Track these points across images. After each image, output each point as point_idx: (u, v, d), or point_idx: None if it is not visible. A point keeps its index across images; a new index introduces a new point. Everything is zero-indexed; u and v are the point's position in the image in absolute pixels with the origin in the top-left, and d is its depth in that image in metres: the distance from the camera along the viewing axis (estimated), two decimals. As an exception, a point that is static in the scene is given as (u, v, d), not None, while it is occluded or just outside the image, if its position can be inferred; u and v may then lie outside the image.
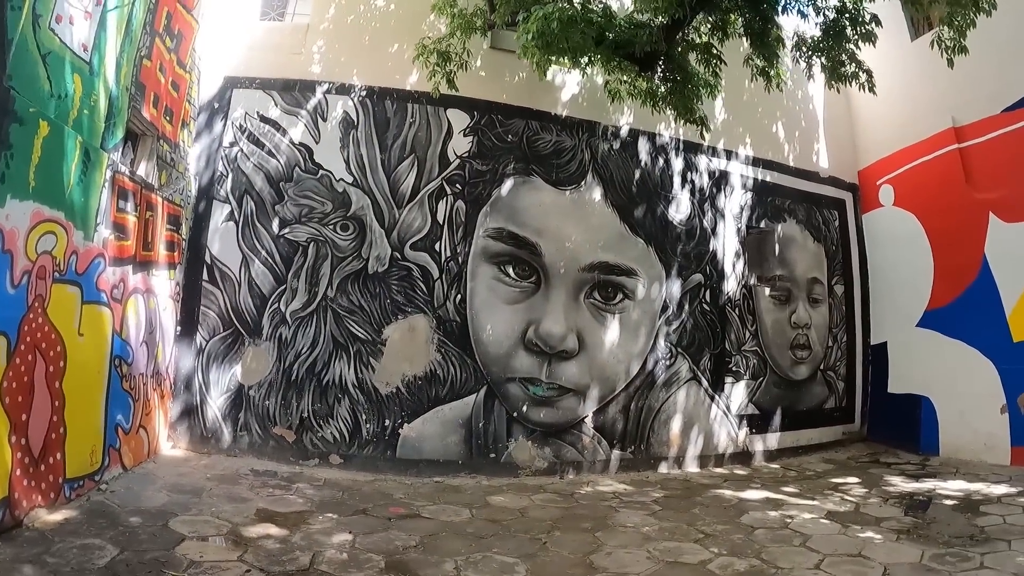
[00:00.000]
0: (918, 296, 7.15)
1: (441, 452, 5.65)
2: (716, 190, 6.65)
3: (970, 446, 6.69)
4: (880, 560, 3.86)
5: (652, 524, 4.62)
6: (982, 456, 6.62)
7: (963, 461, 6.77)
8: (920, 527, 4.49)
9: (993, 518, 4.64)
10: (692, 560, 3.89)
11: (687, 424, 6.24)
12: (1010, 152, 6.70)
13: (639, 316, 6.12)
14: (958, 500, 5.24)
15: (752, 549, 4.09)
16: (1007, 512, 4.74)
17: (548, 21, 4.27)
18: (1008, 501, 5.08)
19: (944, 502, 5.24)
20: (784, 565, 3.81)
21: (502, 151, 6.02)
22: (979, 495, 5.36)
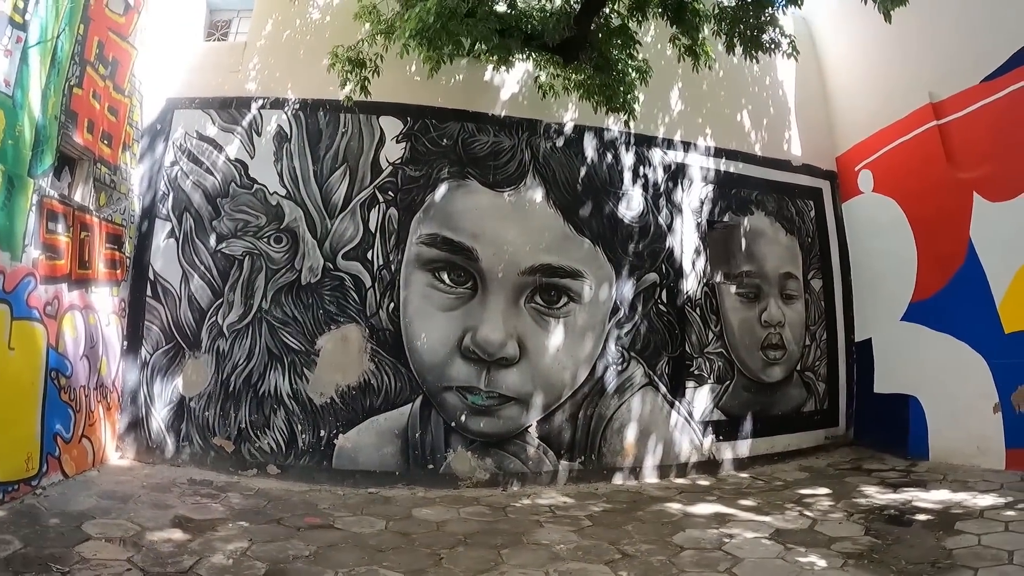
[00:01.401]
0: (902, 288, 6.58)
1: (377, 463, 5.53)
2: (672, 184, 6.29)
3: (962, 449, 6.10)
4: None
5: (570, 542, 4.37)
6: (975, 460, 6.03)
7: (954, 466, 6.18)
8: (878, 549, 4.07)
9: (967, 538, 4.18)
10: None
11: (643, 432, 5.88)
12: (992, 125, 6.14)
13: (586, 320, 5.81)
14: (934, 515, 4.78)
15: (666, 574, 3.80)
16: (986, 530, 4.28)
17: (426, 15, 4.10)
18: (991, 516, 4.61)
19: (918, 517, 4.79)
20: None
21: (436, 155, 5.87)
22: (960, 508, 4.90)
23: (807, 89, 7.19)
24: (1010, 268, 6.04)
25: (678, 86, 6.50)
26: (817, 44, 7.50)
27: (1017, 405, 5.97)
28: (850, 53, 7.38)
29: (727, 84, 6.82)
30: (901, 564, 3.77)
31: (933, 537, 4.26)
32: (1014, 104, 6.13)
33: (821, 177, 7.11)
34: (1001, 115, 6.18)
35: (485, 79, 6.14)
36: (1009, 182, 6.13)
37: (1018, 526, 4.28)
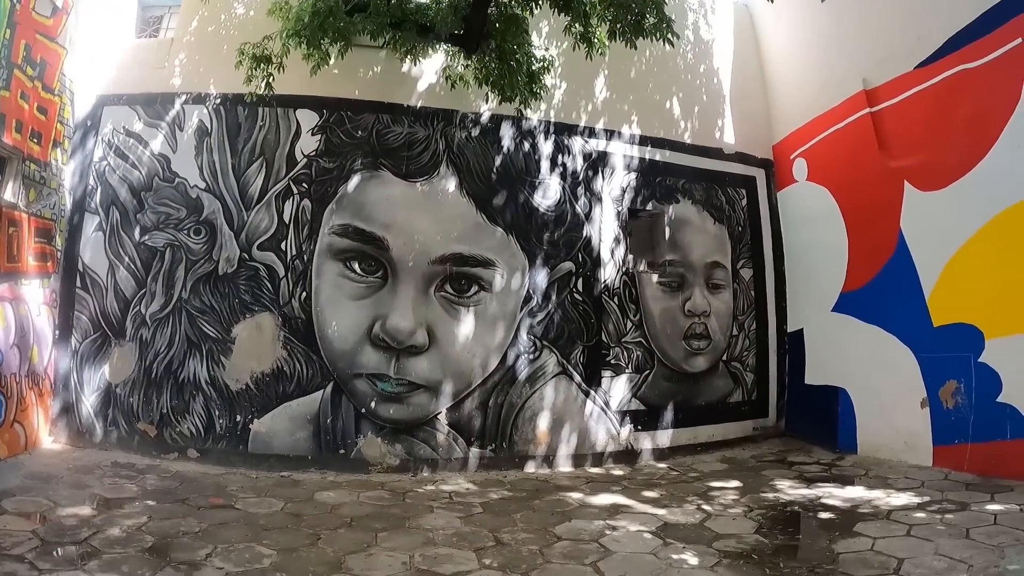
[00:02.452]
0: (833, 278, 6.45)
1: (290, 447, 5.67)
2: (593, 173, 6.27)
3: (889, 444, 5.97)
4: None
5: (452, 528, 4.45)
6: (902, 456, 5.91)
7: (881, 461, 6.06)
8: (761, 550, 4.00)
9: (862, 541, 4.06)
10: (447, 571, 3.70)
11: (557, 421, 5.89)
12: (925, 112, 5.98)
13: (497, 308, 5.85)
14: (839, 514, 4.68)
15: (529, 564, 3.83)
16: (885, 534, 4.16)
17: (303, 14, 4.20)
18: (898, 518, 4.48)
19: (820, 515, 4.71)
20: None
21: (350, 147, 5.97)
22: (870, 507, 4.78)
23: (745, 76, 7.06)
24: (940, 260, 5.89)
25: (604, 74, 6.46)
26: (758, 31, 7.36)
27: (945, 401, 5.83)
28: (790, 39, 7.23)
29: (657, 72, 6.74)
30: (778, 567, 3.70)
31: (826, 539, 4.18)
32: (947, 91, 5.98)
33: (756, 165, 6.97)
34: (934, 102, 6.03)
35: (403, 71, 6.19)
36: (940, 171, 5.98)
37: (922, 531, 4.17)
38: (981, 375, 5.64)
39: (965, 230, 5.77)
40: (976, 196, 5.70)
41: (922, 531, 4.15)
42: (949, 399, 5.81)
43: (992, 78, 5.73)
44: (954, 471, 5.75)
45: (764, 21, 7.40)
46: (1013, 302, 5.40)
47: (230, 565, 3.59)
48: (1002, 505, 4.61)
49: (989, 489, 5.04)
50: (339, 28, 4.56)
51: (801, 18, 6.98)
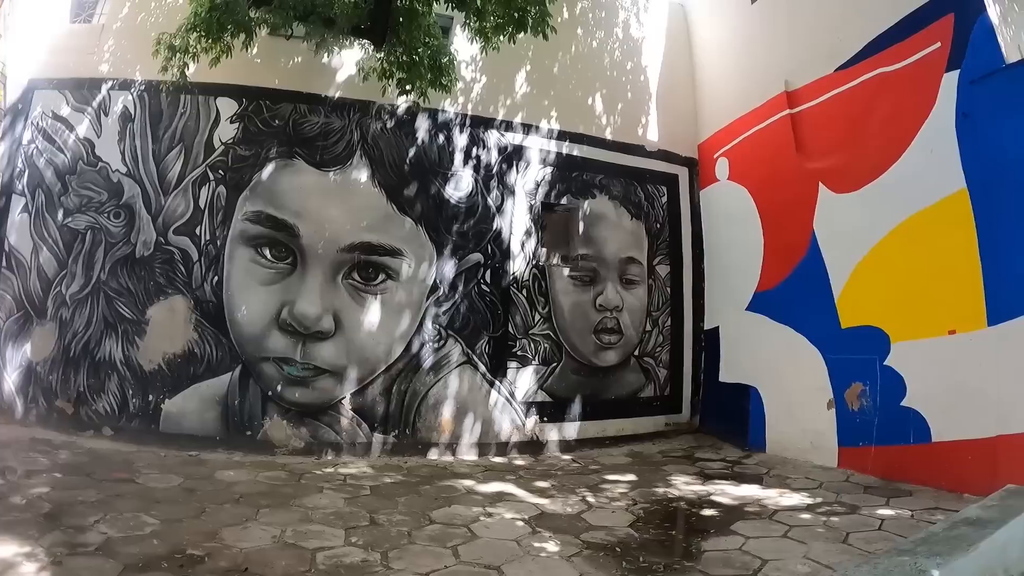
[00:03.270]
0: (749, 277, 6.49)
1: (199, 428, 5.84)
2: (507, 166, 6.34)
3: (796, 444, 6.00)
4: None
5: (333, 508, 4.57)
6: (808, 456, 5.94)
7: (787, 460, 6.10)
8: (628, 544, 4.06)
9: (734, 540, 4.08)
10: (312, 545, 3.81)
11: (460, 410, 6.01)
12: (842, 115, 6.02)
13: (404, 297, 5.97)
14: (723, 511, 4.72)
15: (393, 544, 3.94)
16: (762, 534, 4.19)
17: (200, 9, 4.33)
18: (781, 518, 4.52)
19: (704, 512, 4.74)
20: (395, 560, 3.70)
21: (267, 136, 6.11)
22: (757, 506, 4.82)
23: (675, 75, 7.08)
24: (850, 262, 5.95)
25: (526, 69, 6.52)
26: (692, 30, 7.38)
27: (850, 402, 5.87)
28: (720, 39, 7.26)
29: (582, 68, 6.79)
30: (636, 561, 3.73)
31: (699, 536, 4.22)
32: (865, 94, 6.03)
33: (679, 163, 7.01)
34: (851, 105, 6.09)
35: (323, 62, 6.31)
36: (854, 174, 6.03)
37: (800, 533, 4.17)
38: (886, 378, 5.69)
39: (875, 233, 5.82)
40: (887, 200, 5.76)
41: (801, 533, 4.16)
42: (854, 401, 5.85)
43: (909, 82, 5.77)
44: (858, 473, 5.79)
45: (698, 20, 7.43)
46: (918, 306, 5.47)
47: (114, 531, 3.74)
48: (894, 510, 4.63)
49: (888, 493, 5.08)
50: (238, 21, 4.66)
51: (732, 18, 7.00)
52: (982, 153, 5.13)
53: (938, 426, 5.29)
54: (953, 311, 5.25)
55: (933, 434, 5.31)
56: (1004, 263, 4.92)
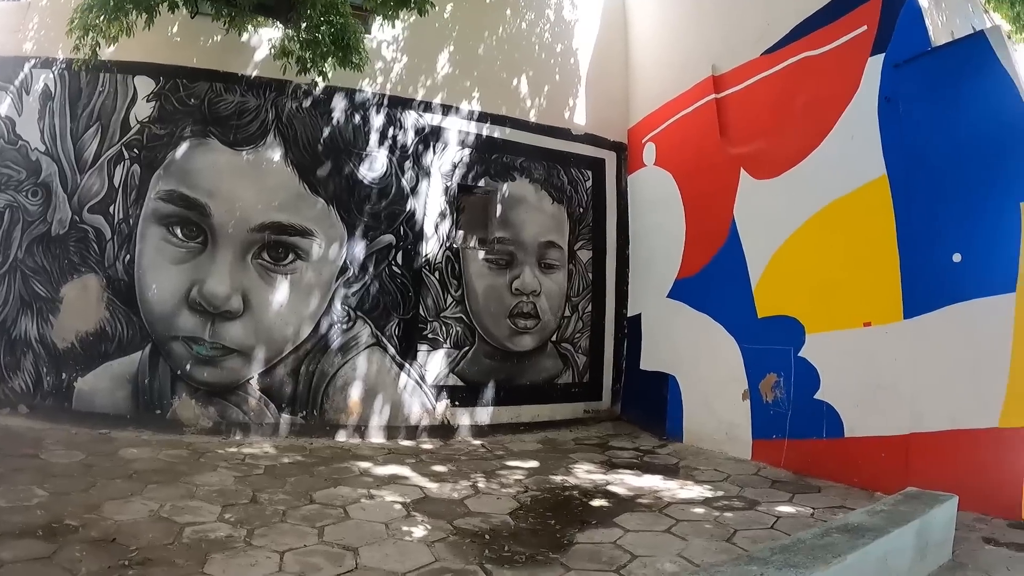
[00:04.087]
0: (671, 264, 6.47)
1: (111, 406, 5.95)
2: (424, 147, 6.34)
3: (712, 434, 5.99)
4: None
5: (222, 486, 4.64)
6: (723, 447, 5.93)
7: (702, 450, 6.12)
8: (500, 531, 4.03)
9: (613, 533, 4.04)
10: (183, 520, 3.89)
11: (369, 392, 6.03)
12: (766, 99, 6.05)
13: (313, 278, 6.00)
14: (614, 502, 4.71)
15: (263, 522, 3.98)
16: (644, 527, 4.16)
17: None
18: (672, 512, 4.46)
19: (593, 503, 4.72)
20: (259, 537, 3.76)
21: (182, 115, 6.19)
22: (652, 498, 4.81)
23: (609, 58, 7.03)
24: (767, 250, 5.91)
25: (449, 49, 6.47)
26: (628, 13, 7.25)
27: (764, 394, 5.80)
28: (655, 21, 7.22)
29: (508, 49, 6.74)
30: (501, 550, 3.72)
31: (577, 527, 4.16)
32: (790, 78, 6.00)
33: (607, 148, 6.97)
34: (775, 90, 6.08)
35: (242, 40, 6.29)
36: (775, 160, 6.00)
37: (685, 528, 4.14)
38: (800, 370, 5.64)
39: (793, 221, 5.77)
40: (806, 187, 5.71)
41: (686, 528, 4.13)
42: (769, 392, 5.75)
43: (833, 66, 5.72)
44: (771, 466, 5.78)
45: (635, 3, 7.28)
46: (834, 297, 5.44)
47: (3, 501, 3.86)
48: (795, 507, 4.61)
49: (795, 489, 5.06)
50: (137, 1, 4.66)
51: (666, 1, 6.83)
52: (903, 139, 5.08)
53: (851, 421, 5.26)
54: (869, 302, 5.20)
55: (846, 429, 5.28)
56: (922, 254, 4.87)
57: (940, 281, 4.76)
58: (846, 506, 4.53)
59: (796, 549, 2.75)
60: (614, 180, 7.11)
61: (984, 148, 4.60)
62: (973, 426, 4.49)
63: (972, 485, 4.30)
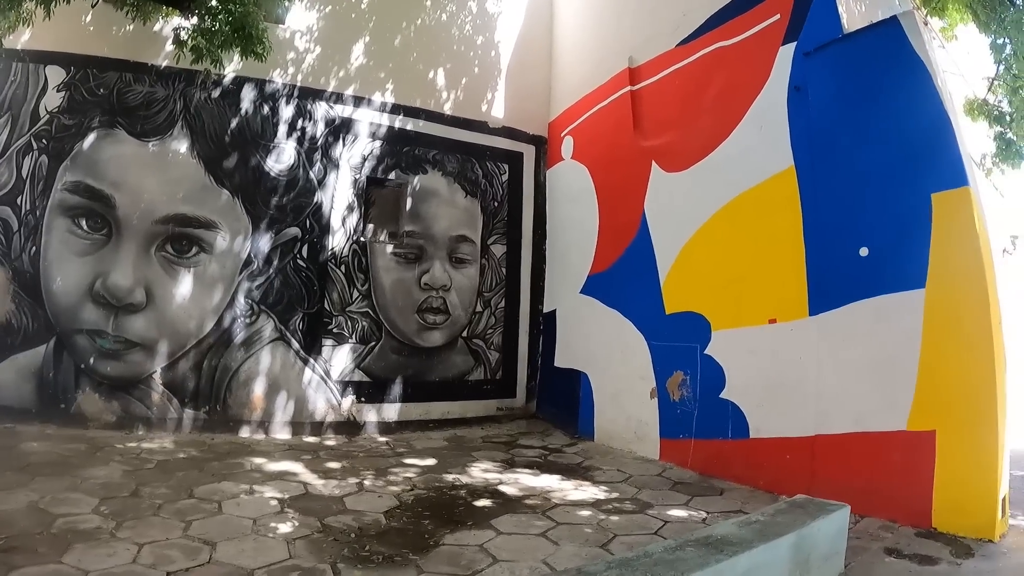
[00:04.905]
0: (584, 259, 6.33)
1: (16, 399, 6.01)
2: (333, 139, 6.31)
3: (622, 433, 5.97)
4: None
5: (110, 479, 4.66)
6: (632, 446, 5.90)
7: (610, 449, 6.17)
8: (369, 530, 3.99)
9: (483, 535, 3.95)
10: (59, 511, 3.90)
11: (272, 387, 6.04)
12: (679, 91, 6.00)
13: (217, 270, 6.01)
14: (499, 503, 4.64)
15: (136, 515, 3.98)
16: (517, 530, 4.05)
17: None
18: (556, 514, 4.34)
19: (478, 503, 4.64)
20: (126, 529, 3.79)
21: (91, 105, 6.23)
22: (542, 499, 4.74)
23: (532, 51, 6.97)
24: (676, 245, 5.83)
25: (364, 41, 6.37)
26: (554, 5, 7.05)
27: (672, 392, 5.66)
28: (578, 14, 7.03)
29: (426, 41, 6.67)
30: (363, 549, 3.68)
31: (450, 529, 4.08)
32: (703, 69, 5.95)
33: (525, 141, 6.88)
34: (687, 81, 6.02)
35: (154, 29, 6.23)
36: (685, 152, 5.94)
37: (563, 532, 4.06)
38: (706, 368, 5.54)
39: (701, 215, 5.70)
40: (714, 179, 5.63)
41: (563, 532, 4.06)
42: (675, 391, 5.62)
43: (745, 56, 5.64)
44: (677, 467, 5.72)
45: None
46: (740, 292, 5.36)
47: None
48: (689, 511, 4.54)
49: (696, 491, 5.02)
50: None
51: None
52: (811, 129, 5.00)
53: (756, 421, 5.19)
54: (775, 298, 5.12)
55: (751, 430, 5.22)
56: (828, 248, 4.75)
57: (846, 276, 4.59)
58: (744, 510, 4.44)
59: (635, 565, 2.53)
60: (532, 174, 6.96)
61: (896, 138, 4.46)
62: (880, 428, 4.32)
63: (880, 490, 4.21)
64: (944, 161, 4.22)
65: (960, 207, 4.13)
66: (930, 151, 4.29)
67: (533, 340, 6.96)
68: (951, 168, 4.18)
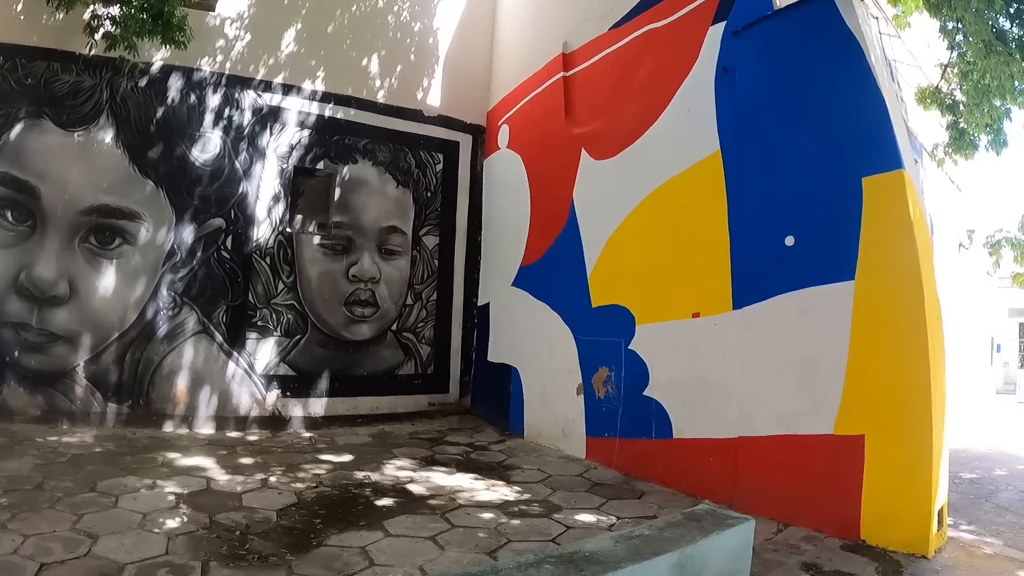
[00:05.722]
0: (517, 250, 6.11)
1: None
2: (260, 128, 6.27)
3: (550, 431, 5.87)
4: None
5: (18, 472, 4.65)
6: (559, 444, 5.84)
7: (539, 447, 6.17)
8: (257, 529, 3.92)
9: (370, 536, 3.85)
10: None
11: (196, 381, 6.03)
12: (609, 76, 5.93)
13: (140, 262, 6.00)
14: (401, 502, 4.50)
15: (31, 508, 3.97)
16: (410, 532, 3.93)
17: None
18: (456, 516, 4.21)
19: (379, 501, 4.51)
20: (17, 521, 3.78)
21: (19, 95, 6.28)
22: (447, 499, 4.58)
23: (472, 38, 6.89)
24: (603, 235, 5.71)
25: (296, 27, 6.26)
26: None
27: (597, 389, 5.47)
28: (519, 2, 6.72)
29: (360, 28, 6.59)
30: (240, 547, 3.61)
31: (339, 529, 3.97)
32: (632, 53, 5.84)
33: (462, 130, 6.78)
34: (617, 65, 5.92)
35: (84, 18, 6.14)
36: (613, 138, 5.84)
37: (454, 536, 3.92)
38: (631, 364, 5.40)
39: (627, 203, 5.57)
40: (641, 166, 5.49)
41: (455, 536, 3.92)
42: (600, 388, 5.48)
43: (675, 37, 5.52)
44: (603, 467, 5.69)
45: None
46: (665, 285, 5.20)
47: None
48: (599, 516, 4.36)
49: (615, 494, 4.85)
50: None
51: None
52: (739, 111, 4.79)
53: (679, 421, 5.02)
54: (699, 291, 4.94)
55: (674, 429, 5.04)
56: (753, 237, 4.52)
57: (771, 267, 4.35)
58: (661, 515, 4.23)
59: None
60: (469, 163, 6.81)
61: (825, 118, 4.22)
62: (806, 431, 4.06)
63: (805, 498, 3.97)
64: (877, 143, 3.95)
65: (893, 192, 3.84)
66: (862, 133, 4.03)
67: (467, 334, 6.98)
68: (884, 150, 3.91)
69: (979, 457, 6.79)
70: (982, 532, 4.30)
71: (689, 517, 3.12)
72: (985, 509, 4.92)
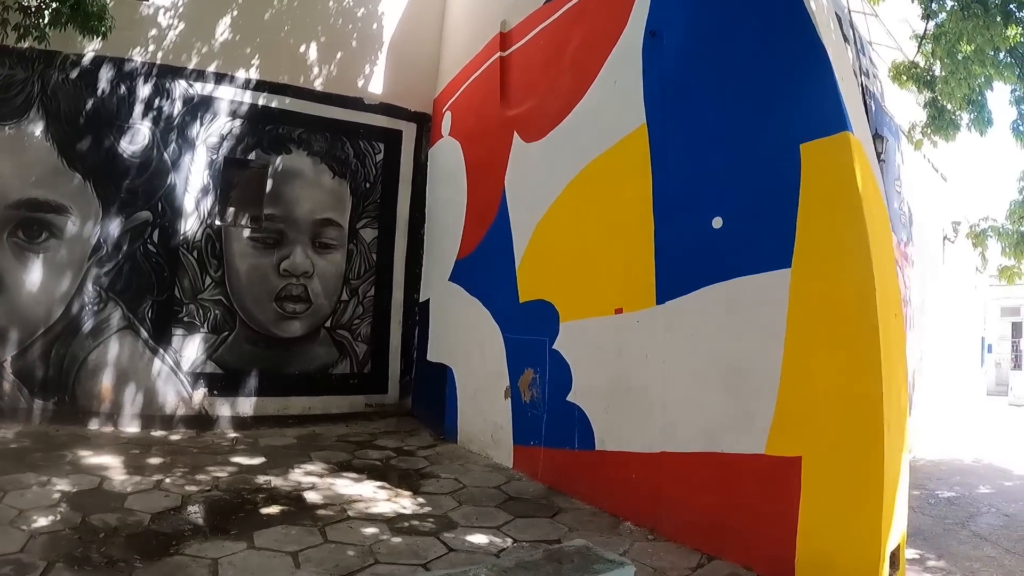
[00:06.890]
0: (454, 243, 5.75)
1: None
2: (191, 118, 6.22)
3: (480, 436, 5.67)
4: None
5: None
6: (489, 450, 5.61)
7: (469, 453, 6.02)
8: (116, 530, 3.77)
9: (228, 547, 3.60)
10: None
11: (121, 378, 5.94)
12: (542, 53, 5.72)
13: (66, 256, 5.98)
14: (284, 511, 4.25)
15: None
16: (275, 546, 3.67)
17: None
18: (336, 531, 3.89)
19: (265, 509, 4.28)
20: None
21: None
22: (335, 510, 4.27)
23: (420, 23, 6.71)
24: (531, 224, 5.40)
25: (232, 15, 6.10)
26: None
27: (523, 392, 5.05)
28: None
29: (300, 14, 6.48)
30: (95, 550, 3.45)
31: (205, 536, 3.79)
32: (564, 26, 5.60)
33: (405, 118, 6.59)
34: (551, 40, 5.66)
35: (16, 9, 6.08)
36: (543, 118, 5.57)
37: (318, 553, 3.64)
38: (554, 365, 5.11)
39: (554, 189, 5.20)
40: (568, 147, 5.15)
41: (319, 553, 3.62)
42: (526, 391, 5.21)
43: (606, 4, 4.76)
44: (528, 478, 5.22)
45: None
46: (586, 277, 4.77)
47: None
48: (493, 537, 3.96)
49: (530, 510, 4.45)
50: None
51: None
52: (665, 78, 4.31)
53: (601, 431, 4.57)
54: (622, 283, 4.48)
55: (596, 440, 4.58)
56: (678, 219, 4.03)
57: (696, 254, 3.83)
58: (570, 538, 3.89)
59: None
60: (412, 153, 6.52)
61: (757, 77, 3.66)
62: (734, 450, 3.53)
63: (733, 528, 3.49)
64: (816, 102, 3.32)
65: (837, 160, 3.18)
66: (799, 91, 3.42)
67: (407, 332, 6.71)
68: (825, 110, 3.28)
69: (961, 471, 6.27)
70: (952, 571, 3.73)
71: (560, 554, 2.64)
72: (960, 538, 4.41)
